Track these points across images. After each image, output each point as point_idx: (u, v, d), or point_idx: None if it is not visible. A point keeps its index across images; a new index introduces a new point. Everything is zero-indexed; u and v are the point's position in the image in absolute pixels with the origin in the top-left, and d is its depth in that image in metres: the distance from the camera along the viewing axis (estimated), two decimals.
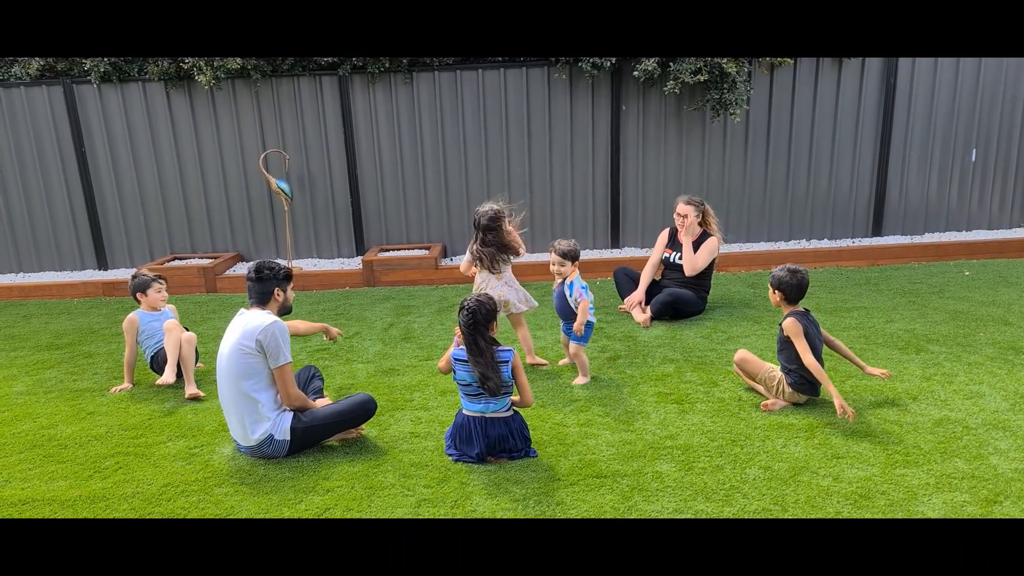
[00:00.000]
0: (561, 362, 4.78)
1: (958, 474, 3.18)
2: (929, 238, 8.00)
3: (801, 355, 3.75)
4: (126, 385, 4.66)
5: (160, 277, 4.82)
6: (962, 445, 3.44)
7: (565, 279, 4.40)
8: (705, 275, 5.77)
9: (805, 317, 3.87)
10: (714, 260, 5.80)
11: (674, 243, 5.89)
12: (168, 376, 4.49)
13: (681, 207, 5.74)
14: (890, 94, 7.70)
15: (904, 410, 3.84)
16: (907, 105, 7.79)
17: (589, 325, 4.35)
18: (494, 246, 4.61)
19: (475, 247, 4.66)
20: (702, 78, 6.84)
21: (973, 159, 8.05)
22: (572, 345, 4.45)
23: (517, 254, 4.75)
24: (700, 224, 5.78)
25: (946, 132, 7.92)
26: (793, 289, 3.85)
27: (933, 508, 2.93)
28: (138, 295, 4.79)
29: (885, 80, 7.69)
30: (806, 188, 7.97)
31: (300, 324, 4.28)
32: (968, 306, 5.76)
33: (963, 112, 7.88)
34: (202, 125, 7.68)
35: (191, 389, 4.44)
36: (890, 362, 4.54)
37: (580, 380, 4.44)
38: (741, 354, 4.18)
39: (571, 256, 4.37)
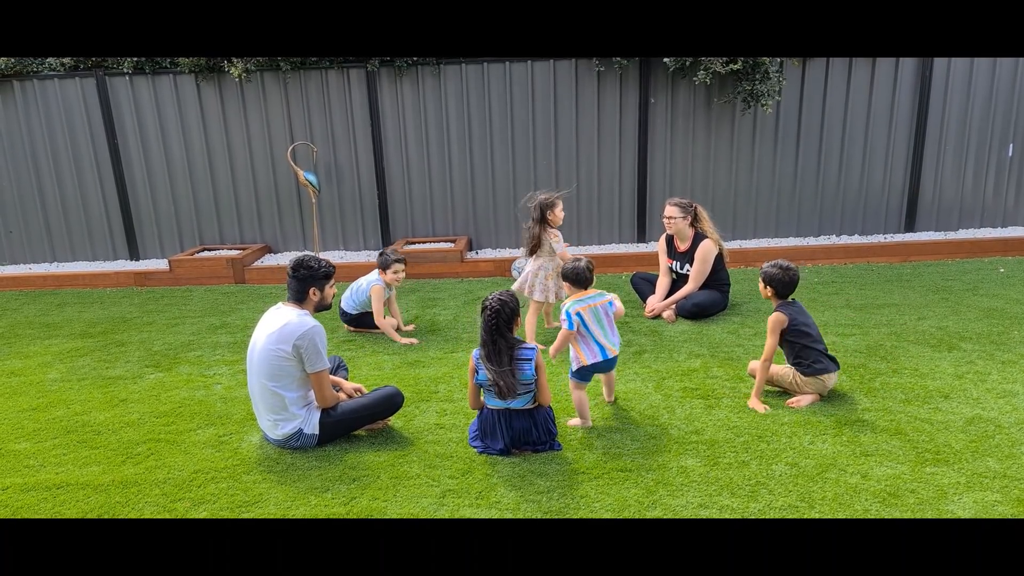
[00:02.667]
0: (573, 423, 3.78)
1: (990, 473, 3.12)
2: (963, 234, 7.85)
3: (765, 350, 3.91)
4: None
5: (403, 259, 5.38)
6: (994, 444, 3.38)
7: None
8: (716, 271, 5.63)
9: (791, 307, 3.97)
10: (721, 254, 5.65)
11: (672, 250, 5.76)
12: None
13: (667, 209, 5.60)
14: (925, 87, 7.56)
15: (935, 408, 3.78)
16: (942, 98, 7.64)
17: (582, 370, 3.72)
18: (534, 233, 4.97)
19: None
20: (735, 67, 6.75)
21: (1010, 154, 7.86)
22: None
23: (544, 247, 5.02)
24: (692, 225, 5.62)
25: (982, 126, 7.75)
26: (784, 286, 3.95)
27: (964, 507, 2.88)
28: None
29: (920, 73, 7.54)
30: (837, 183, 7.85)
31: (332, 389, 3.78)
32: (1002, 304, 5.64)
33: (1000, 105, 7.71)
34: (232, 117, 7.77)
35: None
36: (921, 360, 4.47)
37: (576, 421, 3.76)
38: (751, 366, 4.21)
39: (567, 277, 3.75)
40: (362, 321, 5.38)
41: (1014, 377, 4.15)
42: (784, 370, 4.00)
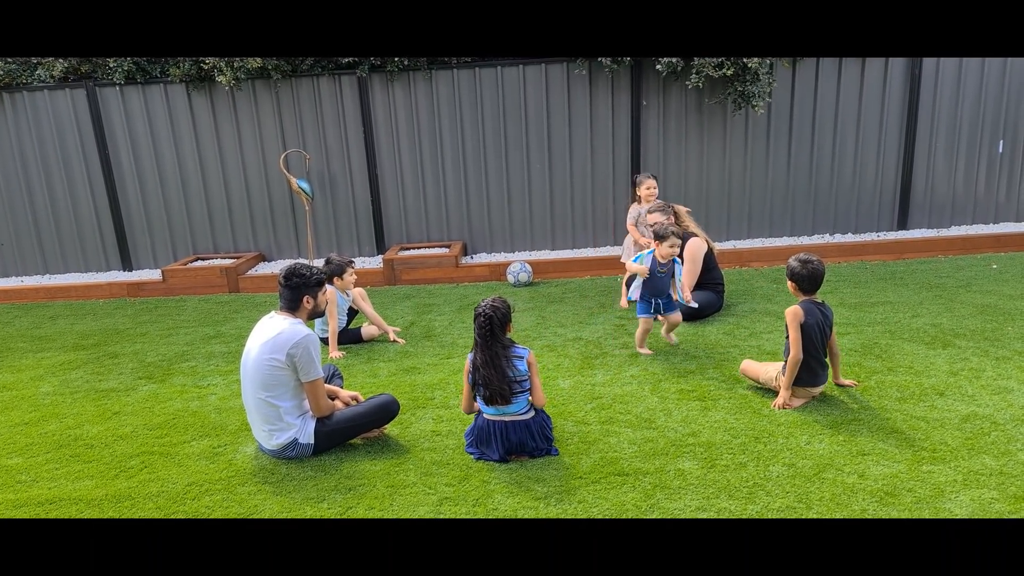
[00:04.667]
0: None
1: (986, 470, 3.12)
2: (956, 231, 7.87)
3: (790, 345, 3.75)
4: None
5: (351, 261, 5.39)
6: (990, 441, 3.38)
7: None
8: (709, 270, 5.63)
9: (814, 306, 3.83)
10: (711, 251, 5.65)
11: None
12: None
13: (650, 217, 5.60)
14: (915, 84, 7.58)
15: (931, 406, 3.78)
16: (933, 95, 7.66)
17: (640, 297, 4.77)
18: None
19: None
20: (727, 72, 6.77)
21: (1001, 150, 7.89)
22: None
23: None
24: (677, 225, 5.62)
25: (973, 122, 7.78)
26: (805, 279, 3.81)
27: (960, 505, 2.88)
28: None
29: (910, 71, 7.56)
30: (830, 181, 7.87)
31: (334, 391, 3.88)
32: (996, 300, 5.65)
33: (990, 101, 7.73)
34: (223, 126, 7.75)
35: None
36: (916, 357, 4.48)
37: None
38: (744, 365, 4.21)
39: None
40: (342, 338, 5.32)
41: (1009, 373, 4.15)
42: (770, 372, 3.99)
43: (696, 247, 5.55)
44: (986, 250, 7.37)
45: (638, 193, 6.20)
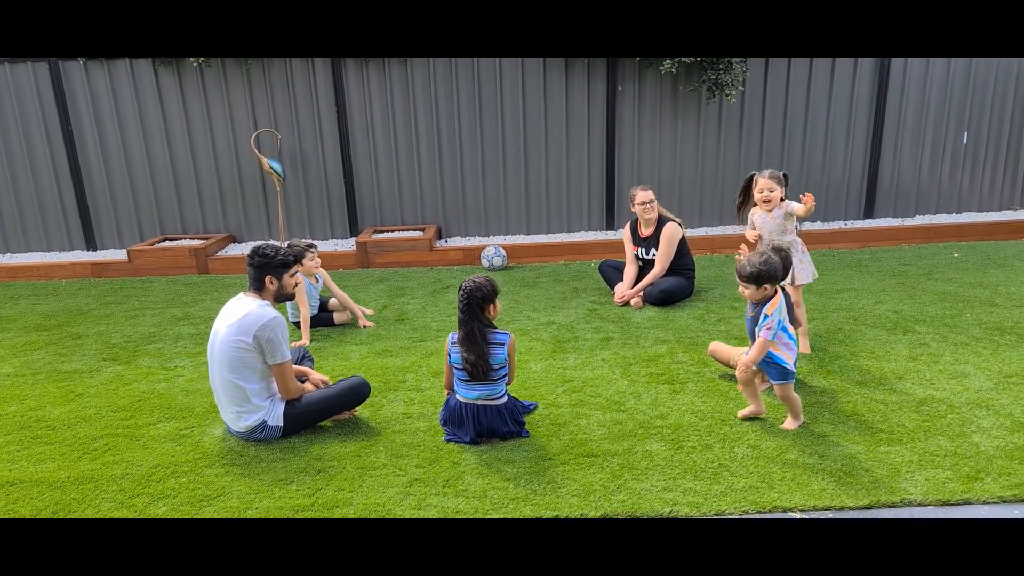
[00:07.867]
0: (741, 413, 3.62)
1: (941, 452, 3.22)
2: (920, 220, 8.03)
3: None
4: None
5: (311, 245, 5.27)
6: (946, 423, 3.48)
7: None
8: (681, 256, 5.68)
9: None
10: (683, 237, 5.71)
11: (636, 237, 5.78)
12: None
13: (642, 194, 5.59)
14: (884, 76, 7.69)
15: (890, 390, 3.88)
16: (901, 87, 7.78)
17: (781, 368, 3.42)
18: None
19: None
20: (699, 58, 6.82)
21: (965, 141, 8.06)
22: (777, 386, 3.47)
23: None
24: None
25: (939, 114, 7.93)
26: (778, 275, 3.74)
27: (916, 484, 2.97)
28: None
29: (879, 62, 7.67)
30: (800, 170, 7.97)
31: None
32: (956, 287, 5.79)
33: (956, 94, 7.88)
34: (192, 104, 7.61)
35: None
36: (878, 342, 4.58)
37: (790, 424, 3.49)
38: (713, 346, 4.27)
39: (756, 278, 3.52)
40: (313, 320, 5.26)
41: (965, 358, 4.27)
42: (740, 355, 4.04)
43: (672, 231, 5.60)
44: (948, 239, 7.54)
45: (752, 195, 4.69)
